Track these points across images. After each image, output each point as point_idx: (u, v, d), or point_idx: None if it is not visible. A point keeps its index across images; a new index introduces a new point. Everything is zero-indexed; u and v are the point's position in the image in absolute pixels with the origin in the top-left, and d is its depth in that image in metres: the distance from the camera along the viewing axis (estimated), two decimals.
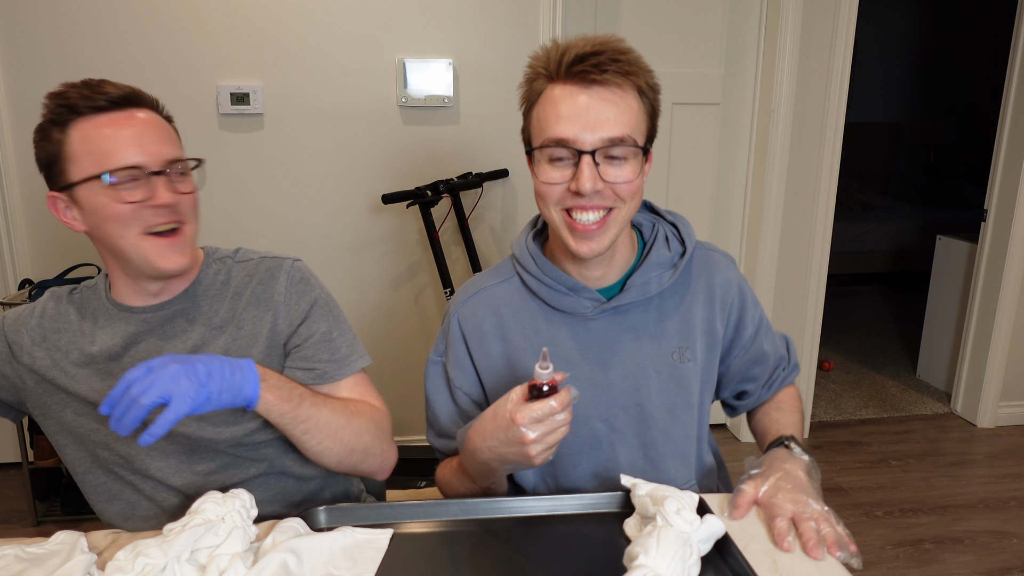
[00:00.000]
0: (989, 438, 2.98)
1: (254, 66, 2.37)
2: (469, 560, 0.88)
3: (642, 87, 0.96)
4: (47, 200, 1.01)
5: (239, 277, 1.11)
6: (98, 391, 1.04)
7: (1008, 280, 2.89)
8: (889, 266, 5.21)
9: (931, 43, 5.76)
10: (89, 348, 1.06)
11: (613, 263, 1.06)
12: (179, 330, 1.06)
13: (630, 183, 0.96)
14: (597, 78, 0.93)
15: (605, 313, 1.06)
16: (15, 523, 2.33)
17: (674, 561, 0.76)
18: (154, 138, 0.99)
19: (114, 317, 1.07)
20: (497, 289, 1.11)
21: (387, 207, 2.51)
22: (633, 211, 1.00)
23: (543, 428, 0.85)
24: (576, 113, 0.93)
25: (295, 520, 0.89)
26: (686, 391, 1.09)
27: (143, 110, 1.01)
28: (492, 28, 2.45)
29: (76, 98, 0.96)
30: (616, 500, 0.97)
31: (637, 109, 0.96)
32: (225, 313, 1.08)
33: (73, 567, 0.81)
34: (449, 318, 1.12)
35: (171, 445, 1.06)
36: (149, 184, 0.97)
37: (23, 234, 2.42)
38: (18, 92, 2.31)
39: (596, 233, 0.97)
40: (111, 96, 0.97)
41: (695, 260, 1.11)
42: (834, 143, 2.70)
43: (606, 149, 0.94)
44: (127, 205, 0.96)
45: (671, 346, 1.07)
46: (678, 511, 0.82)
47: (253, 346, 1.07)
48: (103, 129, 0.96)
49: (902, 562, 2.16)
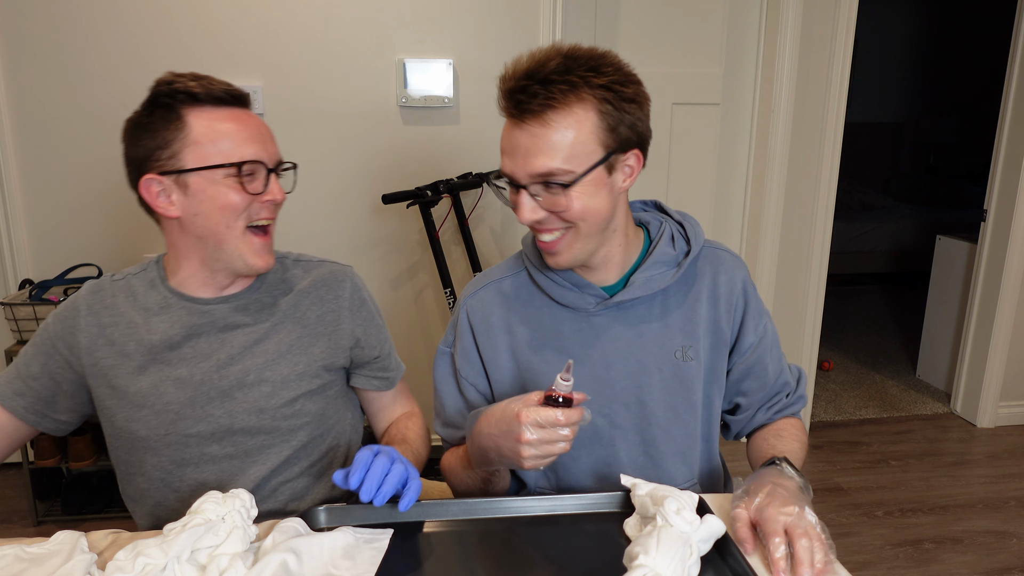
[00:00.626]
0: (989, 438, 2.99)
1: (254, 66, 2.37)
2: (469, 560, 0.89)
3: (594, 97, 0.93)
4: (141, 183, 1.02)
5: (302, 277, 1.16)
6: (156, 387, 1.06)
7: (1008, 280, 2.89)
8: (889, 266, 5.21)
9: (931, 43, 5.76)
10: (147, 337, 1.06)
11: (610, 264, 1.07)
12: (241, 323, 1.09)
13: (570, 210, 0.96)
14: (528, 109, 0.93)
15: (608, 309, 1.07)
16: (15, 523, 2.33)
17: (674, 561, 0.77)
18: (269, 138, 1.05)
19: (173, 305, 1.08)
20: (505, 282, 1.13)
21: (387, 207, 2.52)
22: (597, 226, 1.00)
23: (542, 435, 0.87)
24: (512, 148, 0.96)
25: (295, 520, 0.89)
26: (688, 389, 1.09)
27: (250, 111, 1.06)
28: (492, 28, 2.45)
29: (196, 87, 0.99)
30: (616, 500, 0.98)
31: (578, 131, 0.93)
32: (288, 310, 1.12)
33: (73, 567, 0.81)
34: (458, 309, 1.14)
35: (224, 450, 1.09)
36: (264, 178, 1.02)
37: (23, 234, 2.42)
38: (18, 91, 2.31)
39: (558, 249, 1.00)
40: (230, 91, 1.01)
41: (702, 258, 1.11)
42: (834, 143, 2.70)
43: (540, 181, 0.95)
44: (244, 196, 1.00)
45: (674, 344, 1.08)
46: (678, 511, 0.82)
47: (315, 344, 1.12)
48: (227, 123, 1.00)
49: (902, 562, 2.17)
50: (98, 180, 2.39)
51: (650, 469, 1.10)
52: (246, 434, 1.08)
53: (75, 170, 2.38)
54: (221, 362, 1.07)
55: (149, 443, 1.07)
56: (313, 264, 1.18)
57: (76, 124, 2.34)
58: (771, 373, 1.15)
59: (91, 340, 1.07)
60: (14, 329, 2.18)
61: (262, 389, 1.08)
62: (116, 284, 1.11)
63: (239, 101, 1.03)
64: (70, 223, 2.42)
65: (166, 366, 1.06)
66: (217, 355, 1.07)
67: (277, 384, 1.09)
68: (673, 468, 1.11)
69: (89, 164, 2.37)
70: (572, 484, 1.12)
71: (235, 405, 1.07)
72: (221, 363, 1.07)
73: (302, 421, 1.11)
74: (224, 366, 1.07)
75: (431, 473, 2.43)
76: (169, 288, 1.09)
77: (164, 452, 1.07)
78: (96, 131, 2.35)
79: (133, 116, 1.02)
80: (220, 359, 1.07)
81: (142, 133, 1.00)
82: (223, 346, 1.08)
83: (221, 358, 1.07)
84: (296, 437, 1.11)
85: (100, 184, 2.39)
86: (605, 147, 0.96)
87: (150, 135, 0.99)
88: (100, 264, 2.41)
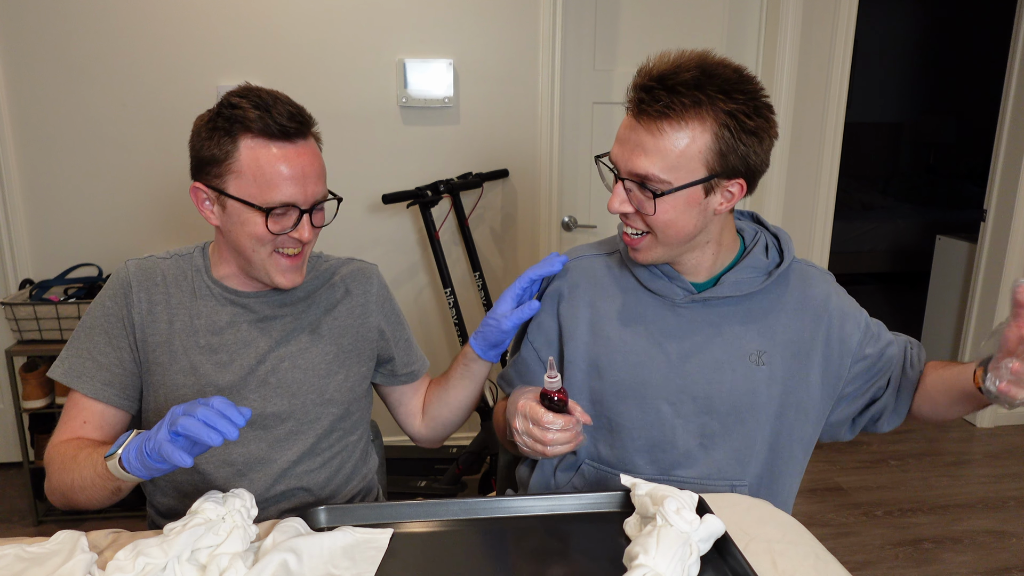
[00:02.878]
0: (988, 438, 2.99)
1: (254, 66, 2.37)
2: (469, 560, 0.89)
3: (715, 121, 0.95)
4: (190, 188, 1.07)
5: (330, 274, 1.22)
6: (196, 368, 1.10)
7: (1008, 280, 2.89)
8: (889, 266, 5.21)
9: (931, 43, 5.76)
10: (193, 320, 1.12)
11: (700, 268, 1.10)
12: (277, 313, 1.16)
13: (654, 217, 1.00)
14: (645, 111, 0.96)
15: (695, 304, 1.10)
16: (15, 523, 2.33)
17: (674, 561, 0.77)
18: (313, 178, 1.06)
19: (216, 295, 1.14)
20: (598, 260, 1.18)
21: (387, 207, 2.52)
22: (677, 239, 1.03)
23: (525, 427, 0.97)
24: (624, 139, 1.00)
25: (295, 520, 0.90)
26: (754, 393, 1.09)
27: (307, 140, 1.07)
28: (492, 28, 2.45)
29: (253, 118, 1.01)
30: (615, 500, 0.98)
31: (687, 147, 0.95)
32: (322, 303, 1.19)
33: (73, 567, 0.81)
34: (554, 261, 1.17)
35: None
36: (296, 218, 1.05)
37: (23, 234, 2.42)
38: (18, 92, 2.31)
39: (639, 247, 1.06)
40: (285, 128, 1.02)
41: (792, 273, 1.14)
42: (834, 143, 2.70)
43: (636, 180, 0.99)
44: (268, 232, 1.03)
45: (750, 348, 1.09)
46: (678, 511, 0.82)
47: (345, 336, 1.19)
48: (274, 163, 1.02)
49: (901, 562, 2.17)
50: (98, 180, 2.39)
51: (702, 460, 1.11)
52: (276, 419, 1.13)
53: (75, 170, 2.38)
54: (261, 351, 1.13)
55: None
56: (342, 261, 1.25)
57: (76, 124, 2.34)
58: (890, 349, 1.14)
59: (142, 316, 1.11)
60: (14, 329, 2.18)
61: (294, 375, 1.14)
62: (164, 264, 1.15)
63: (296, 134, 1.04)
64: (70, 223, 2.42)
65: (208, 350, 1.11)
66: (256, 344, 1.13)
67: (308, 372, 1.15)
68: (725, 462, 1.11)
69: (89, 164, 2.37)
70: (625, 460, 1.13)
71: (269, 391, 1.13)
72: (260, 352, 1.13)
73: (328, 409, 1.17)
74: (263, 354, 1.13)
75: (425, 474, 2.43)
76: (212, 279, 1.14)
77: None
78: (96, 131, 2.35)
79: (201, 119, 1.06)
80: (259, 347, 1.13)
81: (202, 143, 1.04)
82: (262, 335, 1.14)
83: (260, 346, 1.13)
84: (321, 424, 1.17)
85: (100, 184, 2.40)
86: (709, 169, 0.97)
87: (206, 147, 1.03)
88: (100, 264, 2.41)
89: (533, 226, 2.62)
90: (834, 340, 1.12)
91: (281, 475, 1.13)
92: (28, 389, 2.23)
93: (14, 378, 2.23)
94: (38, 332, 2.18)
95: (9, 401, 2.50)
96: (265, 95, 1.03)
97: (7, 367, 2.22)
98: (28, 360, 2.27)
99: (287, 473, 1.14)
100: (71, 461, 1.00)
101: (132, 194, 2.42)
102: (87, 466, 0.96)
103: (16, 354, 2.19)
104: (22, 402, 2.23)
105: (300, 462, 1.15)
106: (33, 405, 2.23)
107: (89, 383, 1.09)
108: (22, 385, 2.24)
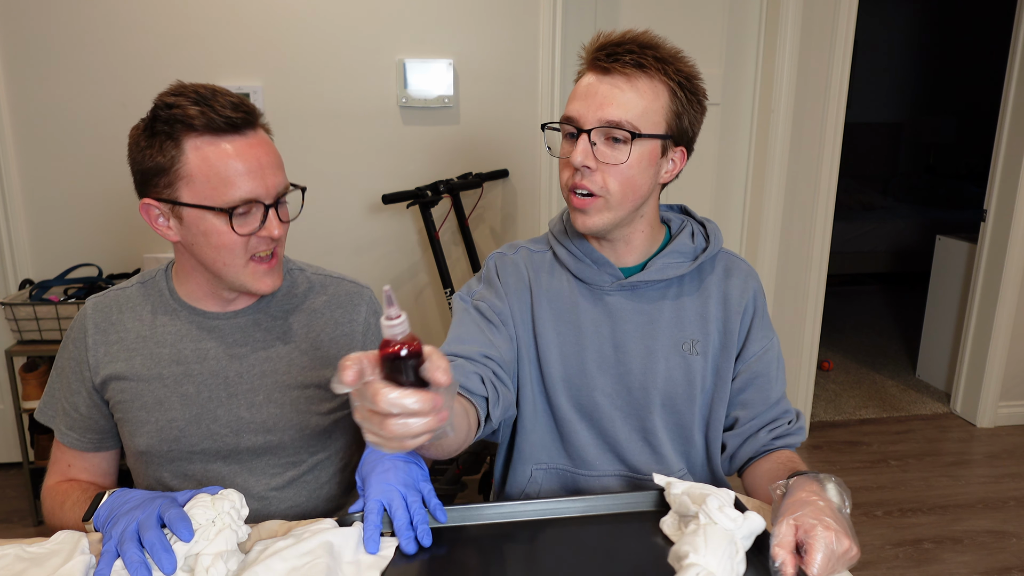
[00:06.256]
0: (988, 438, 2.99)
1: (254, 66, 2.37)
2: (479, 565, 0.88)
3: (672, 82, 1.01)
4: (140, 206, 0.99)
5: (316, 295, 1.13)
6: (161, 403, 1.04)
7: (1008, 280, 2.89)
8: (889, 266, 5.21)
9: (931, 43, 5.76)
10: (156, 351, 1.05)
11: (631, 246, 1.10)
12: (250, 339, 1.07)
13: (619, 168, 1.00)
14: (619, 60, 1.00)
15: (623, 290, 1.10)
16: (15, 523, 2.33)
17: (724, 558, 0.76)
18: (271, 168, 0.98)
19: (181, 319, 1.06)
20: (535, 255, 1.17)
21: (387, 207, 2.52)
22: (630, 199, 1.03)
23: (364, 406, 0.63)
24: (588, 94, 1.01)
25: (328, 521, 0.89)
26: (690, 384, 1.10)
27: (256, 131, 0.99)
28: (492, 28, 2.45)
29: (194, 114, 0.92)
30: (649, 499, 0.96)
31: (653, 101, 1.00)
32: (300, 329, 1.09)
33: (73, 567, 0.81)
34: (487, 264, 1.17)
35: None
36: (262, 215, 0.97)
37: (23, 234, 2.42)
38: (18, 92, 2.31)
39: (588, 210, 1.03)
40: (232, 120, 0.94)
41: (718, 263, 1.14)
42: (834, 143, 2.70)
43: (606, 126, 0.99)
44: (239, 236, 0.96)
45: (683, 336, 1.10)
46: (720, 508, 0.82)
47: (326, 367, 1.09)
48: (226, 160, 0.94)
49: (901, 562, 2.17)
50: (98, 180, 2.39)
51: (649, 455, 1.11)
52: (252, 454, 1.07)
53: (75, 170, 2.38)
54: (229, 381, 1.05)
55: (151, 458, 1.06)
56: (330, 281, 1.15)
57: (76, 124, 2.34)
58: (775, 391, 1.13)
59: (98, 359, 1.06)
60: (14, 329, 2.18)
61: (270, 410, 1.06)
62: (121, 296, 1.09)
63: (244, 125, 0.96)
64: (70, 223, 2.42)
65: (172, 382, 1.04)
66: (225, 373, 1.05)
67: (286, 406, 1.07)
68: (671, 459, 1.12)
69: (89, 164, 2.37)
70: (575, 458, 1.12)
71: (242, 425, 1.06)
72: (229, 382, 1.05)
73: (309, 444, 1.09)
74: (232, 385, 1.05)
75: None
76: (177, 299, 1.07)
77: (167, 467, 1.07)
78: (96, 131, 2.35)
79: (137, 130, 0.99)
80: (228, 378, 1.05)
81: (142, 153, 0.97)
82: (231, 364, 1.06)
83: (229, 377, 1.05)
84: (302, 459, 1.10)
85: (100, 184, 2.40)
86: (668, 127, 1.03)
87: (149, 157, 0.96)
88: (100, 264, 2.41)
89: (533, 226, 2.62)
90: (743, 334, 1.12)
91: (259, 508, 1.08)
92: (28, 389, 2.23)
93: (14, 378, 2.23)
94: (38, 332, 2.18)
95: (9, 401, 2.50)
96: (202, 89, 0.95)
97: (7, 367, 2.23)
98: (28, 360, 2.27)
99: (268, 503, 1.09)
100: (59, 508, 1.01)
101: (132, 194, 2.40)
102: (71, 516, 0.98)
103: (16, 354, 2.19)
104: (22, 402, 2.23)
105: (280, 492, 1.10)
106: (33, 405, 2.23)
107: (58, 428, 1.09)
108: (22, 385, 2.24)
